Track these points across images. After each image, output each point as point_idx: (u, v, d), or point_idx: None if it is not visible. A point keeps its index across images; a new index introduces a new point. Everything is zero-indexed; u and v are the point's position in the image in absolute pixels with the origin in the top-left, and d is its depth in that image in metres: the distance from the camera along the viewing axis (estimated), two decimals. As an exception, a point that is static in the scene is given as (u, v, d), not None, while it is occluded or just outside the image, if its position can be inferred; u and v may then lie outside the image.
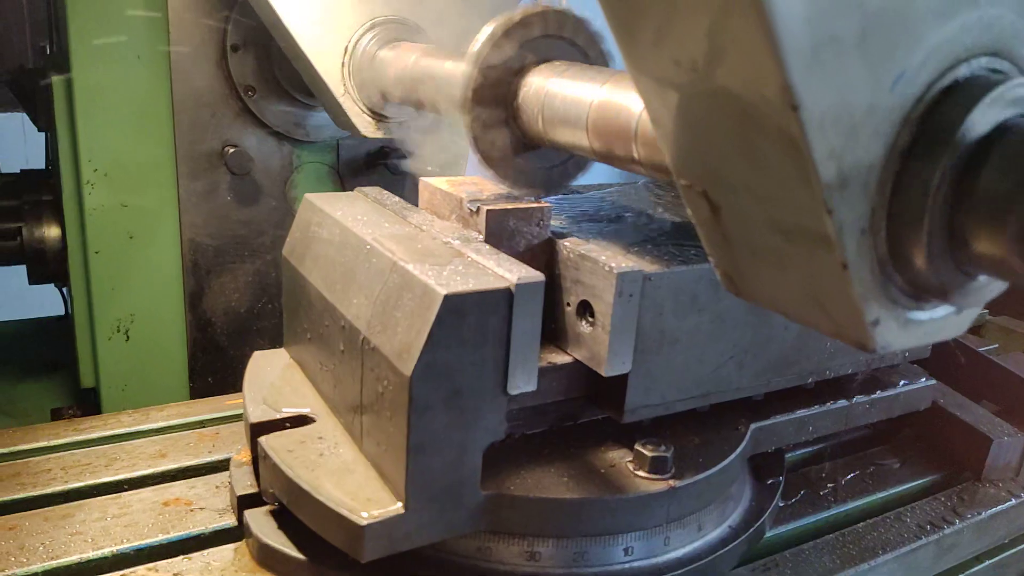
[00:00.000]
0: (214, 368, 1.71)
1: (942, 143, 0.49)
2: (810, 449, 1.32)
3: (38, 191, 1.70)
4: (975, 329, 2.01)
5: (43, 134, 1.99)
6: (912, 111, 0.49)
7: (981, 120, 0.49)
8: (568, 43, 0.95)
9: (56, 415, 1.73)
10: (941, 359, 1.33)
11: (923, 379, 1.26)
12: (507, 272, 0.82)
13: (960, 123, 0.49)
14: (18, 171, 1.89)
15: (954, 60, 0.50)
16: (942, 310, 0.57)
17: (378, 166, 1.76)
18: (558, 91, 0.88)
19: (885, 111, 0.48)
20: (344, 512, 0.81)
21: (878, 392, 1.20)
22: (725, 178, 0.55)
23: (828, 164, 0.46)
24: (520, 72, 0.93)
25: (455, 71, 1.02)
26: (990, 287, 0.55)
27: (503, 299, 0.80)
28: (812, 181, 0.47)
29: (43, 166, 2.00)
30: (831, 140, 0.46)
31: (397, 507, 0.81)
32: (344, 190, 1.74)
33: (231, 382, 1.71)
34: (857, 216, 0.49)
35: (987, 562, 1.24)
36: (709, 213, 0.58)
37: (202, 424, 1.22)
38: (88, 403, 1.74)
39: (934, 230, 0.50)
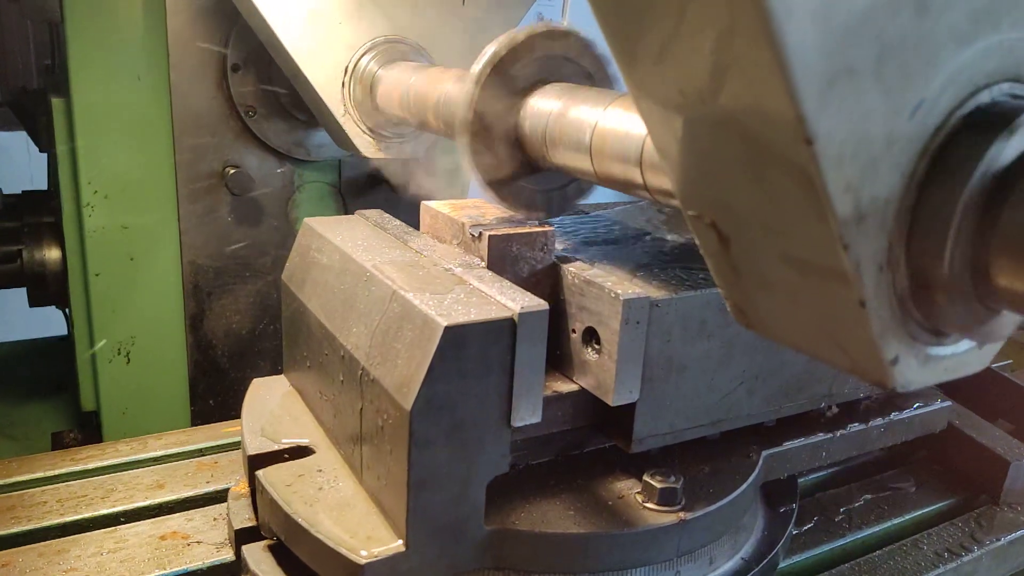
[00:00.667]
0: (216, 391, 1.69)
1: (964, 173, 0.46)
2: (823, 473, 1.29)
3: (39, 213, 1.69)
4: (989, 345, 1.98)
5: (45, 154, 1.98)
6: (932, 141, 0.46)
7: (1005, 149, 0.47)
8: (573, 64, 0.93)
9: (57, 439, 1.71)
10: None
11: (938, 401, 1.23)
12: (510, 301, 0.80)
13: (982, 152, 0.46)
14: (20, 192, 1.88)
15: (975, 87, 0.48)
16: (964, 345, 0.54)
17: (381, 185, 1.74)
18: (561, 113, 0.85)
19: (904, 142, 0.45)
20: (343, 550, 0.78)
21: (893, 415, 1.17)
22: (735, 210, 0.52)
23: (844, 198, 0.44)
24: (522, 93, 0.91)
25: (456, 91, 1.00)
26: (1013, 320, 0.53)
27: (506, 329, 0.77)
28: (827, 216, 0.44)
29: (46, 187, 1.99)
30: (847, 173, 0.43)
31: (398, 545, 0.79)
32: (346, 209, 1.73)
33: (233, 404, 1.69)
34: (875, 251, 0.46)
35: (1007, 590, 1.20)
36: (718, 245, 0.55)
37: (201, 453, 1.20)
38: (89, 426, 1.72)
39: (956, 264, 0.47)
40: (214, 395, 1.69)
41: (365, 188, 1.74)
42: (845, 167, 0.43)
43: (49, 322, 2.14)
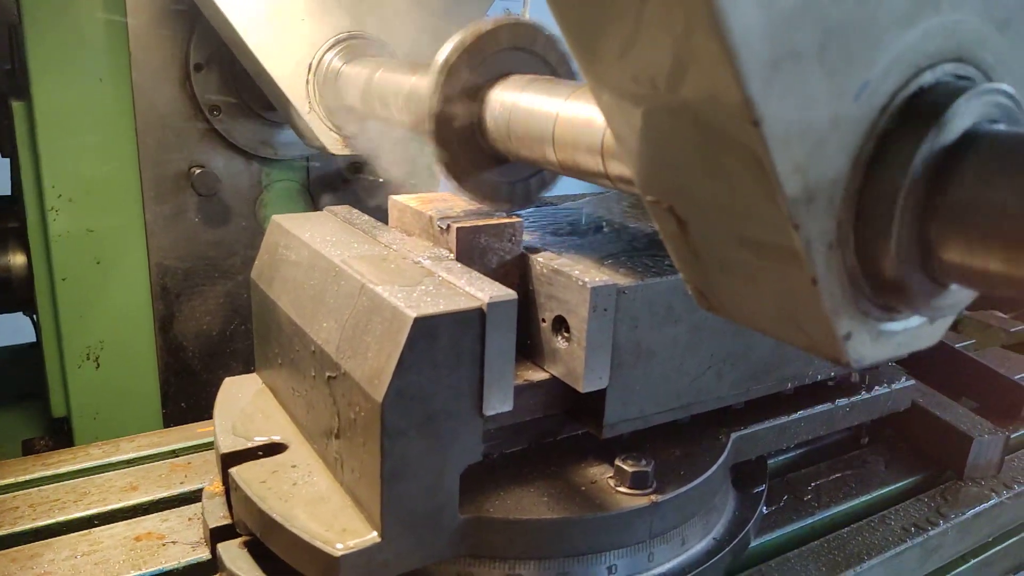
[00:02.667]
0: (187, 393, 1.68)
1: (908, 153, 0.48)
2: (792, 454, 1.31)
3: (3, 218, 1.67)
4: (952, 325, 2.02)
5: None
6: (877, 122, 0.48)
7: (949, 127, 0.48)
8: (534, 55, 0.94)
9: (27, 446, 1.69)
10: (919, 357, 1.33)
11: (903, 380, 1.26)
12: (478, 291, 0.80)
13: (927, 131, 0.48)
14: (-18, 198, 1.85)
15: (918, 68, 0.49)
16: (915, 320, 0.56)
17: (350, 182, 1.74)
18: (523, 105, 0.86)
19: (850, 123, 0.47)
20: (318, 544, 0.79)
21: (859, 395, 1.19)
22: (691, 194, 0.53)
23: (793, 179, 0.45)
24: (485, 86, 0.92)
25: (419, 86, 1.00)
26: (962, 295, 0.54)
27: (475, 319, 0.78)
28: (777, 196, 0.46)
29: (9, 191, 1.96)
30: (795, 154, 0.45)
31: (373, 536, 0.79)
32: (316, 207, 1.72)
33: (205, 407, 1.68)
34: (824, 230, 0.48)
35: (972, 561, 1.23)
36: (676, 228, 0.56)
37: (174, 454, 1.19)
38: (60, 433, 1.70)
39: (903, 241, 0.49)
40: (186, 397, 1.68)
41: (335, 186, 1.74)
42: (792, 148, 0.44)
43: (19, 329, 2.11)
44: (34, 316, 1.86)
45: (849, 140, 0.47)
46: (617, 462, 0.92)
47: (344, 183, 1.74)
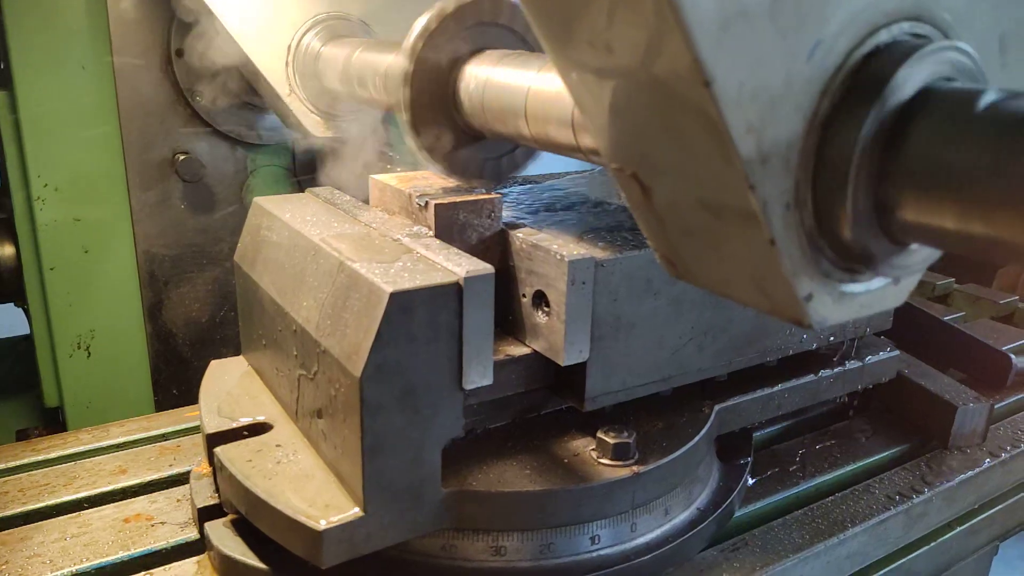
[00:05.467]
0: (178, 380, 1.69)
1: (863, 111, 0.48)
2: (779, 426, 1.32)
3: (-10, 209, 1.67)
4: (942, 298, 2.03)
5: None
6: (832, 81, 0.48)
7: (903, 86, 0.49)
8: (506, 30, 0.94)
9: (21, 436, 1.71)
10: (907, 330, 1.34)
11: (887, 350, 1.27)
12: (456, 266, 0.81)
13: (881, 90, 0.48)
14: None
15: (873, 26, 0.49)
16: (878, 281, 0.56)
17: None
18: (496, 80, 0.86)
19: (803, 82, 0.47)
20: (302, 519, 0.80)
21: (842, 365, 1.20)
22: (653, 160, 0.54)
23: (746, 139, 0.45)
24: (458, 63, 0.92)
25: (395, 65, 1.00)
26: (923, 255, 0.55)
27: (452, 293, 0.79)
28: (732, 158, 0.46)
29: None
30: (748, 115, 0.45)
31: (355, 511, 0.80)
32: (301, 192, 1.72)
33: (196, 393, 1.69)
34: (781, 191, 0.48)
35: (957, 529, 1.24)
36: (641, 195, 0.57)
37: (163, 437, 1.20)
38: (54, 422, 1.71)
39: (859, 200, 0.49)
40: (177, 384, 1.69)
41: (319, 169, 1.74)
42: (745, 108, 0.45)
43: (15, 321, 2.12)
44: (24, 306, 1.87)
45: (803, 100, 0.47)
46: (599, 434, 0.93)
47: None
